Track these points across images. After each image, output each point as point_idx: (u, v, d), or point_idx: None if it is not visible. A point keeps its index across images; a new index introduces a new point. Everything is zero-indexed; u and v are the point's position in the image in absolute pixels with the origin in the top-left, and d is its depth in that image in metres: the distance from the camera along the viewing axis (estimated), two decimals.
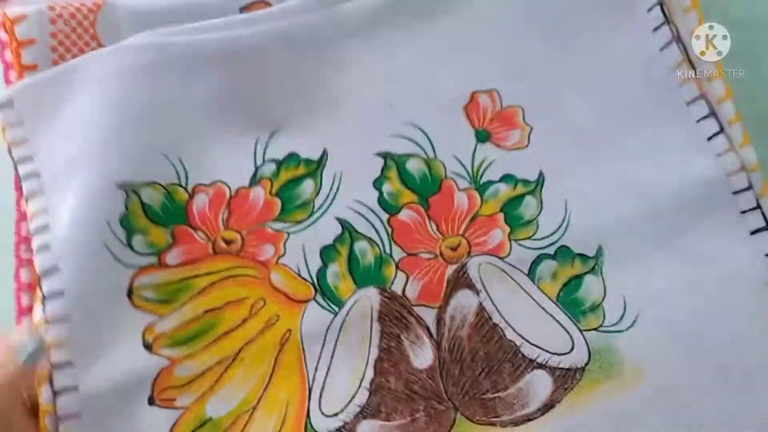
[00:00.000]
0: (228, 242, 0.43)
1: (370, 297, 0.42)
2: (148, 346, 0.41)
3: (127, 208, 0.43)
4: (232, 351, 0.41)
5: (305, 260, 0.43)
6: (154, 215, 0.43)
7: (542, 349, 0.41)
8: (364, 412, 0.40)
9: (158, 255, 0.43)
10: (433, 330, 0.42)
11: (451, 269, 0.43)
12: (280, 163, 0.45)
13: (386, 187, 0.44)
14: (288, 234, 0.44)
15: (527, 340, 0.41)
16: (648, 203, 0.43)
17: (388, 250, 0.43)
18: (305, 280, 0.43)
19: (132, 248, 0.43)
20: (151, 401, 0.40)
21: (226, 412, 0.41)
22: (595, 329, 0.41)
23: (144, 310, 0.42)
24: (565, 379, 0.40)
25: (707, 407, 0.39)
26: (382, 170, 0.44)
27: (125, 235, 0.42)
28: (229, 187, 0.44)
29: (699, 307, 0.41)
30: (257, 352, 0.41)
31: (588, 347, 0.41)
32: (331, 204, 0.44)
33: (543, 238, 0.43)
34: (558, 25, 0.47)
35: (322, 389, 0.41)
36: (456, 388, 0.41)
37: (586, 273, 0.42)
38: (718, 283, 0.42)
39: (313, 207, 0.44)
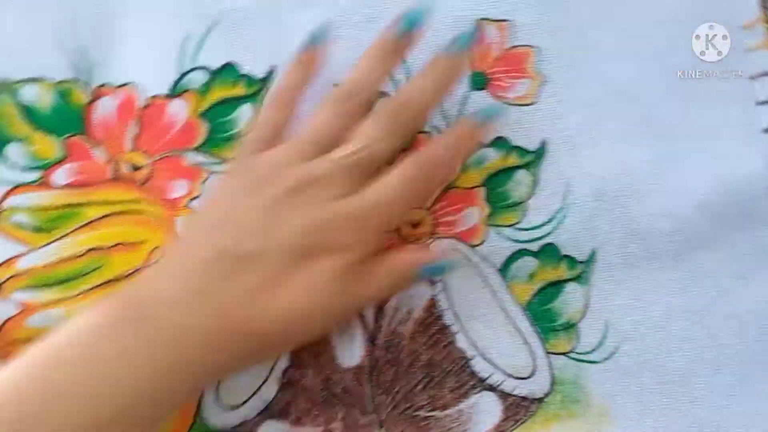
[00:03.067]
0: (135, 168, 0.34)
1: None
2: None
3: None
4: None
5: None
6: (39, 120, 0.34)
7: (497, 367, 0.33)
8: (270, 410, 0.33)
9: (43, 170, 0.34)
10: (370, 321, 0.34)
11: None
12: (214, 74, 0.34)
13: None
14: (210, 173, 0.34)
15: (481, 354, 0.33)
16: (673, 205, 0.34)
17: None
18: None
19: (6, 159, 0.33)
20: None
21: None
22: (564, 353, 0.34)
23: (10, 237, 0.33)
24: (518, 409, 0.33)
25: None
26: None
27: None
28: (142, 92, 0.34)
29: (696, 351, 0.33)
30: None
31: (551, 374, 0.33)
32: None
33: (528, 230, 0.34)
34: None
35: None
36: (385, 398, 0.33)
37: (569, 280, 0.34)
38: (735, 323, 0.33)
39: None
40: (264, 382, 0.33)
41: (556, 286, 0.34)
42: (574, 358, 0.33)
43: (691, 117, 0.34)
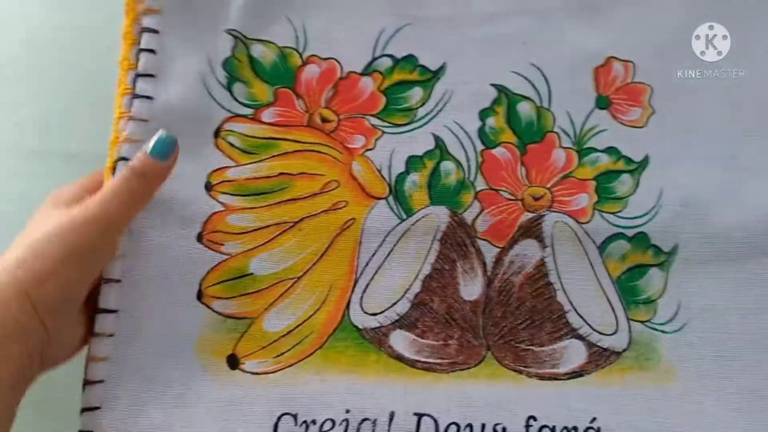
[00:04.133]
0: (324, 120, 0.44)
1: (440, 216, 0.43)
2: (208, 187, 0.42)
3: (233, 54, 0.44)
4: (293, 217, 0.42)
5: (390, 161, 0.43)
6: (261, 71, 0.44)
7: (587, 322, 0.41)
8: (401, 322, 0.41)
9: (255, 108, 0.43)
10: (489, 267, 0.42)
11: (526, 216, 0.43)
12: (396, 61, 0.44)
13: (490, 120, 0.44)
14: (383, 132, 0.44)
15: (575, 309, 0.41)
16: (744, 219, 0.42)
17: (472, 178, 0.43)
18: (383, 179, 0.43)
19: (231, 93, 0.43)
20: (200, 238, 0.42)
21: (269, 272, 0.42)
22: (642, 322, 0.42)
23: (223, 152, 0.43)
24: (600, 356, 0.41)
25: (728, 422, 0.40)
26: (493, 102, 0.44)
27: (226, 79, 0.44)
28: (342, 67, 0.44)
29: (747, 334, 0.41)
30: (317, 227, 0.42)
31: (630, 336, 0.41)
32: (432, 118, 0.44)
33: (627, 218, 0.43)
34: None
35: (368, 286, 0.42)
36: (494, 329, 0.41)
37: (654, 265, 0.42)
38: None
39: (415, 115, 0.44)
40: (399, 300, 0.41)
41: (643, 268, 0.42)
42: (650, 327, 0.41)
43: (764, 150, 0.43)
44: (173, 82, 0.43)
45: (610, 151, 0.44)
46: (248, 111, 0.44)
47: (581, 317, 0.41)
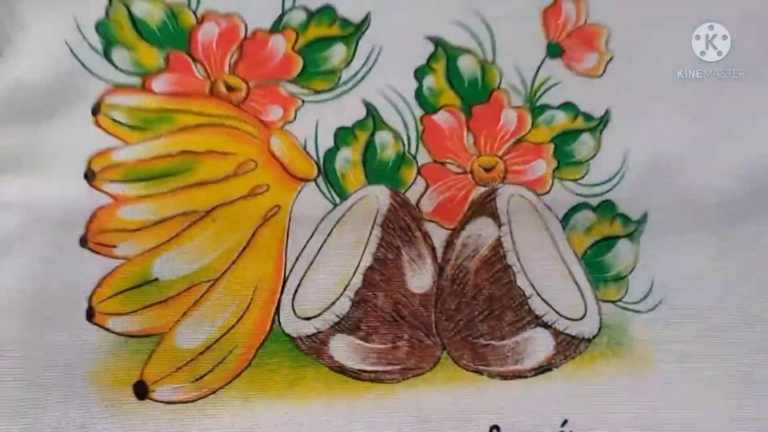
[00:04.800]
0: (230, 89, 0.36)
1: (379, 197, 0.36)
2: (89, 176, 0.34)
3: (108, 15, 0.36)
4: (203, 206, 0.35)
5: (315, 135, 0.36)
6: (147, 33, 0.36)
7: (552, 307, 0.36)
8: (341, 325, 0.35)
9: (143, 77, 0.36)
10: (439, 253, 0.36)
11: (477, 191, 0.37)
12: (311, 14, 0.37)
13: (428, 80, 0.37)
14: (303, 101, 0.36)
15: (538, 293, 0.36)
16: (720, 180, 0.37)
17: (413, 151, 0.37)
18: (310, 157, 0.36)
19: (110, 60, 0.35)
20: (84, 242, 0.34)
21: (178, 275, 0.35)
22: (612, 302, 0.37)
23: (106, 130, 0.35)
24: (569, 346, 0.36)
25: (713, 412, 0.35)
26: (429, 59, 0.37)
27: (102, 44, 0.36)
28: (246, 24, 0.37)
29: (732, 307, 0.37)
30: (234, 217, 0.35)
31: (600, 319, 0.36)
32: (360, 81, 0.37)
33: (590, 185, 0.37)
34: None
35: (299, 284, 0.35)
36: (448, 324, 0.36)
37: (622, 236, 0.37)
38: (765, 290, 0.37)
39: (339, 79, 0.37)
40: (337, 299, 0.35)
41: (610, 241, 0.37)
42: (621, 307, 0.37)
43: (738, 102, 0.38)
44: (26, 55, 0.34)
45: (566, 107, 0.38)
46: (135, 80, 0.36)
47: (545, 302, 0.36)
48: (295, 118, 0.36)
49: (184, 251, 0.35)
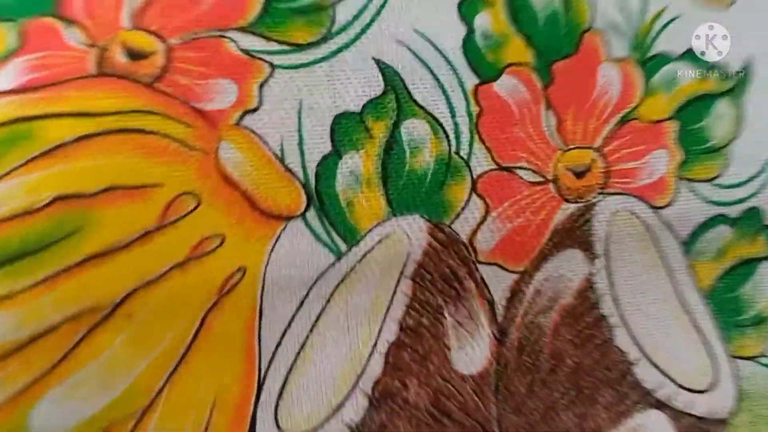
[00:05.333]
0: (135, 55, 0.20)
1: (411, 234, 0.22)
2: None
3: None
4: (108, 297, 0.20)
5: (298, 132, 0.21)
6: None
7: (668, 376, 0.24)
8: None
9: None
10: (499, 309, 0.23)
11: (564, 211, 0.23)
12: None
13: (483, 20, 0.22)
14: (272, 67, 0.21)
15: (648, 357, 0.24)
16: None
17: (463, 151, 0.22)
18: (290, 172, 0.21)
19: None
20: None
21: (82, 420, 0.20)
22: (753, 358, 0.25)
23: None
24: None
25: None
26: None
27: None
28: None
29: None
30: (166, 304, 0.20)
31: (737, 386, 0.24)
32: (368, 27, 0.22)
33: (729, 187, 0.24)
34: None
35: (283, 386, 0.22)
36: (516, 418, 0.23)
37: (766, 258, 0.25)
38: None
39: (332, 23, 0.21)
40: (346, 398, 0.22)
41: (749, 265, 0.24)
42: (765, 365, 0.25)
43: None
44: None
45: (691, 56, 0.23)
46: None
47: (658, 368, 0.24)
48: (260, 101, 0.21)
49: (79, 382, 0.20)
